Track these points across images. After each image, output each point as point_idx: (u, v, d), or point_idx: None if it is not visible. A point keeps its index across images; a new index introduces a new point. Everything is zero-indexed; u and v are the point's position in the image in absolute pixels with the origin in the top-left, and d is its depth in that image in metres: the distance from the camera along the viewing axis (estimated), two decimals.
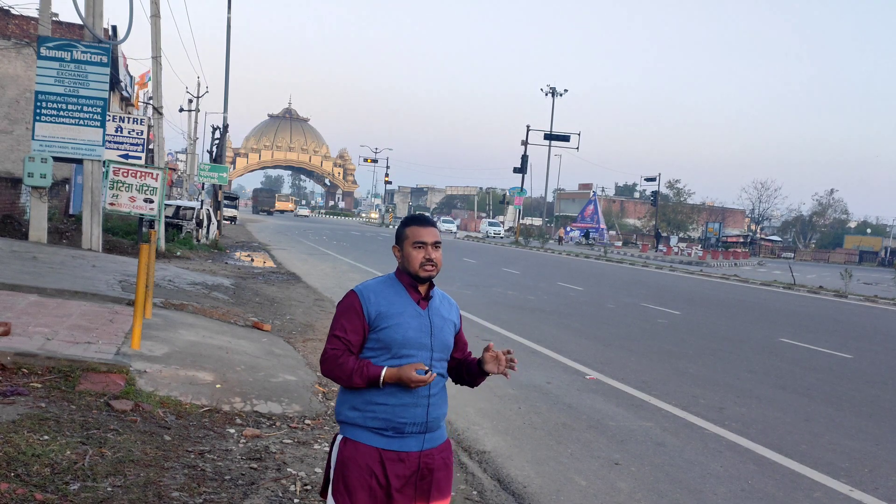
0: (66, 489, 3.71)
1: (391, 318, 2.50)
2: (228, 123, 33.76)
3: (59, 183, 20.70)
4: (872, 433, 6.94)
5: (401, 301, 2.55)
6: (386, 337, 2.50)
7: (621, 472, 5.34)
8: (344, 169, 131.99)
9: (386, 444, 2.48)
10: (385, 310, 2.51)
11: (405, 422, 2.49)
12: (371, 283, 2.62)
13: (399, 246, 2.61)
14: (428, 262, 2.54)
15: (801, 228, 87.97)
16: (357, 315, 2.52)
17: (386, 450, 2.48)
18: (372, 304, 2.52)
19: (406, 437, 2.50)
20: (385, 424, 2.48)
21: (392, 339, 2.49)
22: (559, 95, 57.81)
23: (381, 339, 2.51)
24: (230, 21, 30.62)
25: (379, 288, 2.58)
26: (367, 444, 2.49)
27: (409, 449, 2.50)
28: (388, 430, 2.48)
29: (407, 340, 2.50)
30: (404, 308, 2.54)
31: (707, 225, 74.54)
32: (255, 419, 5.58)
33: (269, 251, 25.44)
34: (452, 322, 2.67)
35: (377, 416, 2.48)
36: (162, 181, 15.65)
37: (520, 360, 9.58)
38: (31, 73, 19.67)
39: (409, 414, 2.49)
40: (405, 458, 2.49)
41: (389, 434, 2.49)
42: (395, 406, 2.48)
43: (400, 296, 2.57)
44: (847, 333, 14.53)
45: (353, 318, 2.53)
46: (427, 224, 2.61)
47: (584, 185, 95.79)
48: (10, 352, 5.73)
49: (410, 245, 2.57)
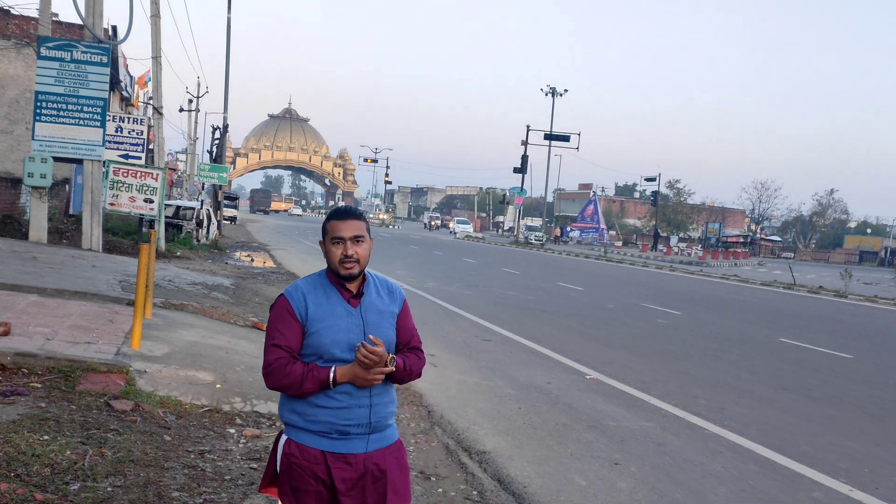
0: (66, 489, 3.71)
1: (319, 322, 2.38)
2: (228, 123, 33.81)
3: (59, 183, 20.69)
4: (873, 433, 6.94)
5: (329, 301, 2.42)
6: (315, 342, 2.38)
7: (621, 472, 5.33)
8: (344, 169, 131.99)
9: (330, 447, 2.38)
10: (313, 312, 2.39)
11: (349, 423, 2.38)
12: (300, 283, 2.49)
13: (322, 241, 2.48)
14: (347, 259, 2.39)
15: (801, 228, 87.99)
16: (292, 317, 2.40)
17: (331, 452, 2.38)
18: (303, 305, 2.40)
19: (351, 439, 2.39)
20: (328, 427, 2.38)
21: (320, 343, 2.37)
22: (559, 95, 57.83)
23: (311, 345, 2.39)
24: (230, 21, 30.65)
25: (308, 288, 2.45)
26: (310, 446, 2.39)
27: (355, 451, 2.40)
28: (332, 433, 2.38)
29: (336, 343, 2.37)
30: (333, 308, 2.41)
31: (707, 225, 74.56)
32: (255, 419, 5.58)
33: (269, 251, 25.45)
34: (391, 313, 2.50)
35: (318, 419, 2.38)
36: (162, 181, 15.65)
37: (520, 360, 9.54)
38: (31, 73, 19.66)
39: (353, 415, 2.38)
40: (352, 460, 2.39)
41: (334, 436, 2.39)
42: (337, 409, 2.37)
43: (328, 296, 2.43)
44: (847, 333, 14.53)
45: (289, 321, 2.39)
46: (347, 217, 2.45)
47: (584, 185, 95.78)
48: (11, 352, 5.73)
49: (329, 241, 2.43)
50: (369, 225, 2.56)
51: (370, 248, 2.49)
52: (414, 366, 2.53)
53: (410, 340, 2.58)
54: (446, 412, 6.44)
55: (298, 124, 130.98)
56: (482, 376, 7.98)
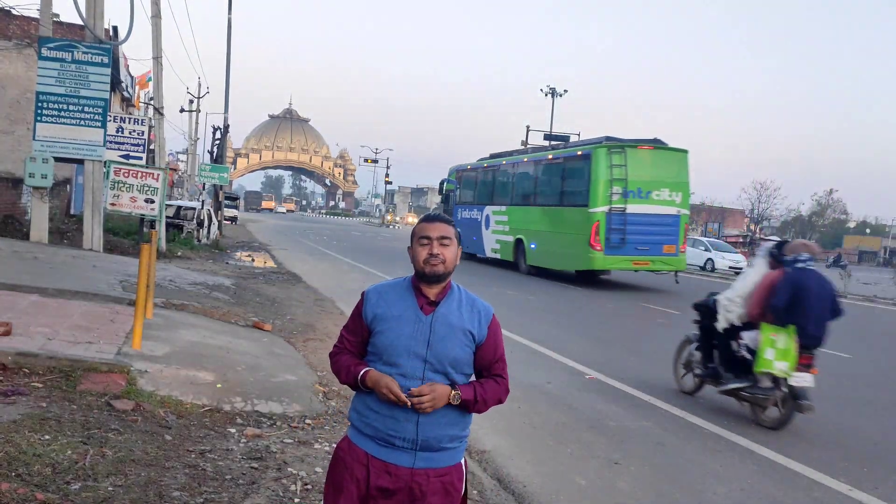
0: (67, 489, 3.72)
1: (384, 322, 2.40)
2: (229, 124, 33.76)
3: (60, 183, 20.69)
4: (873, 433, 6.95)
5: (401, 304, 2.42)
6: (378, 342, 2.41)
7: (621, 471, 5.34)
8: (344, 169, 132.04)
9: (375, 452, 2.40)
10: (382, 313, 2.42)
11: (394, 434, 2.36)
12: (380, 285, 2.55)
13: (410, 245, 2.51)
14: (432, 258, 2.40)
15: (800, 228, 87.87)
16: (358, 315, 2.49)
17: (374, 457, 2.39)
18: (370, 306, 2.45)
19: (396, 450, 2.37)
20: (376, 433, 2.39)
21: (381, 344, 2.39)
22: (559, 95, 57.66)
23: (375, 344, 2.42)
24: (231, 21, 30.65)
25: (385, 290, 2.49)
26: (359, 446, 2.43)
27: (399, 462, 2.37)
28: (378, 439, 2.39)
29: (395, 347, 2.36)
30: (402, 312, 2.40)
31: (707, 225, 74.54)
32: (256, 419, 5.59)
33: (270, 251, 25.44)
34: (466, 331, 2.40)
35: (370, 422, 2.41)
36: (163, 181, 15.67)
37: (520, 360, 9.51)
38: (31, 73, 19.65)
39: (398, 427, 2.35)
40: (393, 471, 2.36)
41: (381, 443, 2.39)
42: (384, 416, 2.37)
43: (403, 299, 2.44)
44: (846, 333, 14.52)
45: (356, 318, 2.50)
46: (435, 220, 2.49)
47: None
48: (11, 352, 5.74)
49: (416, 241, 2.47)
50: (459, 233, 2.53)
51: (457, 254, 2.48)
52: (489, 395, 2.43)
53: (493, 365, 2.48)
54: None
55: (299, 124, 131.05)
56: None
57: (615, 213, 16.93)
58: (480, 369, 2.48)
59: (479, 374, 2.49)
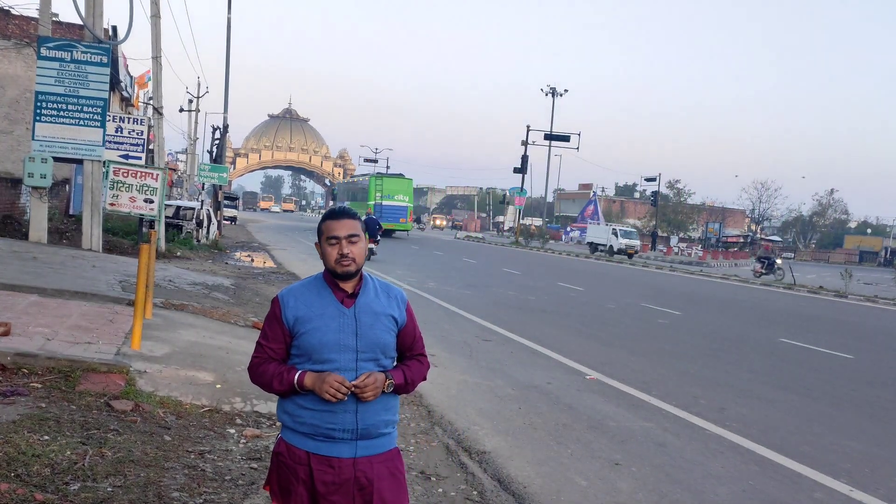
0: (67, 489, 3.71)
1: (308, 322, 2.39)
2: (228, 124, 33.80)
3: (59, 183, 20.68)
4: (873, 433, 6.94)
5: (321, 302, 2.42)
6: (304, 343, 2.39)
7: (622, 472, 5.33)
8: (344, 169, 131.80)
9: (315, 448, 2.39)
10: (303, 314, 2.40)
11: (333, 427, 2.37)
12: (294, 287, 2.51)
13: (318, 242, 2.49)
14: (343, 258, 2.39)
15: (801, 228, 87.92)
16: (277, 321, 2.44)
17: (315, 454, 2.39)
18: (290, 309, 2.42)
19: (337, 443, 2.39)
20: (313, 430, 2.39)
21: (309, 344, 2.38)
22: (559, 95, 57.85)
23: (300, 346, 2.40)
24: (230, 21, 30.65)
25: (300, 291, 2.47)
26: (296, 446, 2.42)
27: (340, 455, 2.38)
28: (317, 436, 2.39)
29: (324, 344, 2.37)
30: (324, 309, 2.41)
31: (707, 225, 74.52)
32: (256, 419, 5.58)
33: (269, 251, 25.44)
34: (389, 316, 2.46)
35: (304, 420, 2.40)
36: (162, 181, 15.66)
37: (520, 361, 9.52)
38: (31, 73, 19.64)
39: (337, 420, 2.37)
40: (336, 464, 2.38)
41: (319, 439, 2.39)
42: (321, 412, 2.37)
43: (321, 297, 2.44)
44: (847, 334, 14.52)
45: (273, 325, 2.45)
46: (341, 217, 2.46)
47: (584, 186, 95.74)
48: (11, 352, 5.73)
49: (325, 241, 2.44)
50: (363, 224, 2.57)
51: (365, 247, 2.49)
52: (416, 375, 2.54)
53: (413, 346, 2.58)
54: (446, 412, 6.44)
55: (298, 124, 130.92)
56: (482, 376, 7.98)
57: (377, 203, 40.05)
58: (403, 350, 2.55)
59: (401, 356, 2.56)
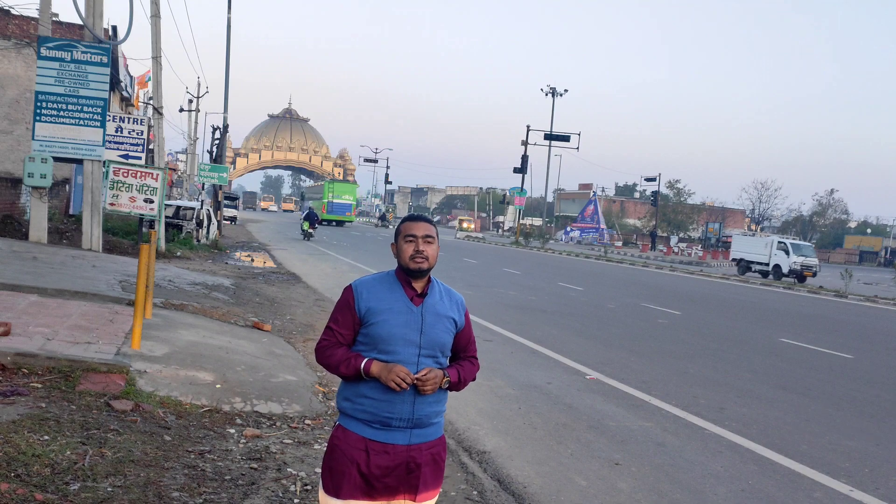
0: (67, 489, 3.71)
1: (379, 315, 2.55)
2: (228, 123, 33.80)
3: (59, 183, 20.69)
4: (873, 433, 6.94)
5: (392, 297, 2.59)
6: (373, 333, 2.55)
7: (621, 472, 5.33)
8: (344, 169, 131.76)
9: (372, 435, 2.55)
10: (375, 306, 2.56)
11: (391, 416, 2.54)
12: (367, 279, 2.67)
13: (395, 242, 2.67)
14: (417, 255, 2.57)
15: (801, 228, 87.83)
16: (349, 309, 2.60)
17: (372, 440, 2.55)
18: (363, 300, 2.58)
19: (393, 431, 2.55)
20: (372, 417, 2.55)
21: (378, 335, 2.54)
22: (559, 95, 57.79)
23: (369, 335, 2.56)
24: (230, 21, 30.65)
25: (373, 284, 2.63)
26: (355, 432, 2.57)
27: (395, 442, 2.55)
28: (374, 423, 2.55)
29: (391, 337, 2.53)
30: (394, 304, 2.57)
31: (707, 225, 74.48)
32: (256, 419, 5.58)
33: (269, 251, 25.44)
34: (450, 318, 2.66)
35: (365, 408, 2.55)
36: (162, 181, 15.65)
37: (520, 361, 9.51)
38: (31, 73, 19.67)
39: (395, 409, 2.53)
40: (391, 450, 2.55)
41: (377, 426, 2.55)
42: (380, 401, 2.53)
43: (393, 292, 2.60)
44: (847, 333, 14.52)
45: (345, 312, 2.61)
46: (419, 220, 2.66)
47: (584, 186, 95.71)
48: (11, 352, 5.73)
49: (402, 239, 2.62)
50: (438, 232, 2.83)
51: (437, 249, 2.67)
52: (468, 375, 2.76)
53: (468, 347, 2.78)
54: (447, 412, 6.43)
55: (298, 124, 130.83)
56: (482, 376, 7.97)
57: (328, 201, 65.06)
58: (458, 351, 2.75)
59: (455, 356, 2.76)
